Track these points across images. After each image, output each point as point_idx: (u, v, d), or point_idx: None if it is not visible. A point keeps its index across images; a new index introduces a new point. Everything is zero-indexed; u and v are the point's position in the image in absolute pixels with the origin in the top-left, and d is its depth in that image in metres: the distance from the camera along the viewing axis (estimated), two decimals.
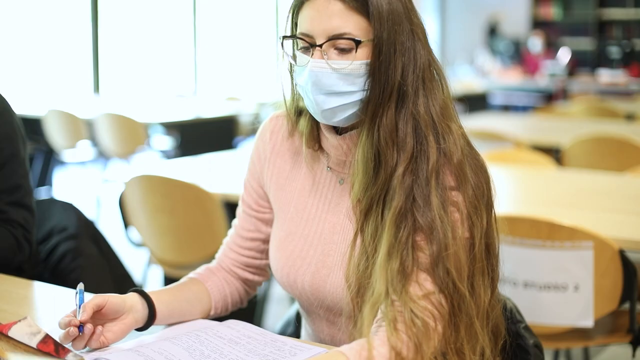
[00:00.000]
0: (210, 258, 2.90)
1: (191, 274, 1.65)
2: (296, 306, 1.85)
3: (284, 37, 1.44)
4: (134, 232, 3.10)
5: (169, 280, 3.26)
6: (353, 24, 1.35)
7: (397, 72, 1.35)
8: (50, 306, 1.68)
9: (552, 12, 11.98)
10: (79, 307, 1.34)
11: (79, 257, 2.13)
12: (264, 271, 1.69)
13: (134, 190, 2.98)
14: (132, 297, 1.44)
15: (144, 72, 9.32)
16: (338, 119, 1.41)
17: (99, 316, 1.37)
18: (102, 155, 6.14)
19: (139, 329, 1.45)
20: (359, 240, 1.40)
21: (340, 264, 1.46)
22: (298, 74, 1.43)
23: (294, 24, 1.43)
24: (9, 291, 1.78)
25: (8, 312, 1.55)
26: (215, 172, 3.37)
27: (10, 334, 1.28)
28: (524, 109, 9.33)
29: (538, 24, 11.93)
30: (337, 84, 1.37)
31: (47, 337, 1.29)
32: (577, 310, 2.18)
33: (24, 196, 2.01)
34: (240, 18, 10.44)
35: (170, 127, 6.01)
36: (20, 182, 2.00)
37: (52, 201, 2.27)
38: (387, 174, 1.36)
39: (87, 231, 2.21)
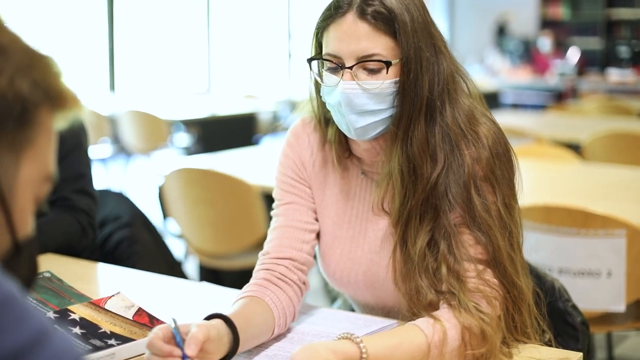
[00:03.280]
0: (248, 248, 3.04)
1: (246, 293, 1.47)
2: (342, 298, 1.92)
3: (311, 59, 1.48)
4: (172, 223, 3.21)
5: (204, 269, 3.37)
6: (381, 45, 1.39)
7: (425, 88, 1.41)
8: (118, 285, 1.78)
9: (561, 11, 12.05)
10: (179, 342, 1.18)
11: (134, 244, 2.23)
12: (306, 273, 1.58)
13: (173, 183, 3.09)
14: (219, 327, 1.28)
15: (158, 70, 9.40)
16: (370, 136, 1.47)
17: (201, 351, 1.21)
18: (124, 152, 6.25)
19: None
20: (399, 249, 1.45)
21: (389, 259, 1.49)
22: (327, 94, 1.46)
23: (319, 44, 1.47)
24: (80, 272, 1.89)
25: (84, 291, 1.64)
26: (253, 165, 3.46)
27: (107, 307, 1.38)
28: (533, 107, 9.41)
29: (547, 23, 12.00)
30: (368, 103, 1.41)
31: (140, 310, 1.39)
32: (610, 296, 2.28)
33: (87, 184, 2.11)
34: (252, 16, 10.52)
35: (190, 125, 6.11)
36: (84, 171, 2.11)
37: (104, 191, 2.37)
38: (424, 186, 1.42)
39: (140, 220, 2.31)
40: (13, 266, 0.83)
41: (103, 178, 6.52)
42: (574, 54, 10.61)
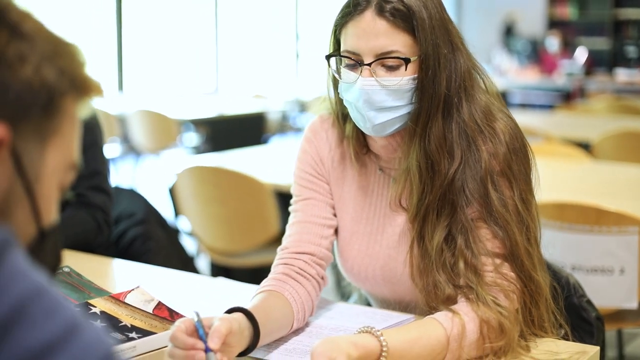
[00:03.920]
0: (260, 246, 3.04)
1: (264, 287, 1.48)
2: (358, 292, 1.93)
3: (329, 55, 1.49)
4: (184, 221, 3.22)
5: (215, 267, 3.38)
6: (400, 42, 1.40)
7: (443, 84, 1.42)
8: (135, 280, 1.79)
9: (568, 11, 12.04)
10: (202, 335, 1.19)
11: (149, 241, 2.24)
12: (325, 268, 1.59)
13: (185, 181, 3.10)
14: (240, 320, 1.29)
15: (166, 70, 9.42)
16: (387, 132, 1.47)
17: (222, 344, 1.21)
18: (133, 151, 6.27)
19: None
20: (416, 245, 1.46)
21: (406, 254, 1.50)
22: (345, 90, 1.46)
23: (337, 41, 1.47)
24: (96, 268, 1.90)
25: (102, 286, 1.65)
26: (264, 163, 3.47)
27: (127, 300, 1.39)
28: (541, 107, 9.40)
29: (554, 23, 11.99)
30: (387, 100, 1.42)
31: (160, 304, 1.40)
32: (623, 293, 2.28)
33: (102, 181, 2.13)
34: (260, 16, 10.54)
35: (199, 124, 6.13)
36: (99, 167, 2.12)
37: (118, 188, 2.39)
38: (441, 181, 1.43)
39: (154, 217, 2.33)
40: (38, 254, 0.83)
41: (113, 177, 6.54)
42: (581, 54, 10.60)
